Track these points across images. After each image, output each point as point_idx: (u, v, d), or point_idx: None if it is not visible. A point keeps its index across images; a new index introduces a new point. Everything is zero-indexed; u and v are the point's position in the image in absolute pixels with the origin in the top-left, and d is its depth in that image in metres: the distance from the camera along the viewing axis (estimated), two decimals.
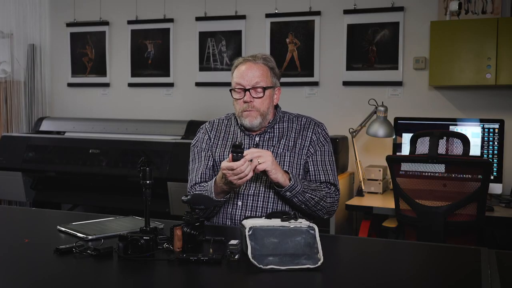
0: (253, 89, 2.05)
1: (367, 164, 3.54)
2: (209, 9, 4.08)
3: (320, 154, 2.11)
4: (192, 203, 1.68)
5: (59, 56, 4.61)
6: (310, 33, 3.82)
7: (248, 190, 2.06)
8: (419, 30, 3.54)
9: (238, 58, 2.15)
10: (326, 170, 2.10)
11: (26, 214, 2.30)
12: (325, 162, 2.11)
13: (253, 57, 2.10)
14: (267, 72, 2.09)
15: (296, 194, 1.95)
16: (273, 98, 2.13)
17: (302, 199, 1.97)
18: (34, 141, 3.99)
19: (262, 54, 2.14)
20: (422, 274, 1.49)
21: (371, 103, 3.40)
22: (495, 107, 3.38)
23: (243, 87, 2.06)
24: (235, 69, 2.12)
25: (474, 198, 2.52)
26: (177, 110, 4.21)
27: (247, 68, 2.07)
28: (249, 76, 2.05)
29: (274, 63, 2.15)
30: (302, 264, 1.43)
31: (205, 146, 2.19)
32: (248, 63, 2.09)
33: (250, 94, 2.05)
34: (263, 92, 2.06)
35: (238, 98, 2.08)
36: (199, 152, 2.19)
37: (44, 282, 1.37)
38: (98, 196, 3.95)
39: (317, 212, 2.04)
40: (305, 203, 1.99)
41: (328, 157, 2.12)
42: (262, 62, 2.09)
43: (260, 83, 2.06)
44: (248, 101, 2.05)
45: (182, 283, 1.42)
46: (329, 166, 2.11)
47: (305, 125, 2.15)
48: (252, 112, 2.06)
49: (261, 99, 2.06)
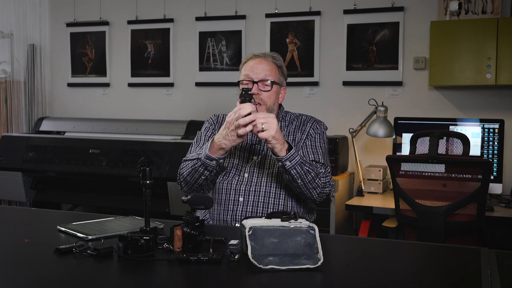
0: (261, 82, 2.08)
1: (367, 164, 3.55)
2: (209, 9, 4.09)
3: (312, 140, 2.13)
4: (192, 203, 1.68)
5: (59, 56, 4.61)
6: (310, 33, 3.82)
7: (249, 186, 2.07)
8: (419, 30, 3.54)
9: (248, 54, 2.19)
10: (316, 152, 2.11)
11: (26, 214, 2.30)
12: (316, 146, 2.12)
13: (263, 54, 2.16)
14: (276, 69, 2.14)
15: (295, 164, 1.91)
16: (279, 95, 2.16)
17: (300, 170, 1.92)
18: (34, 141, 3.99)
19: (271, 52, 2.20)
20: (422, 274, 1.49)
21: (371, 103, 3.40)
22: (495, 107, 3.38)
23: (251, 79, 2.09)
24: (244, 64, 2.16)
25: (474, 198, 2.52)
26: (177, 110, 4.21)
27: (257, 63, 2.12)
28: (259, 69, 2.10)
29: (282, 63, 2.20)
30: (302, 264, 1.43)
31: (210, 134, 2.21)
32: (258, 58, 2.14)
33: (258, 87, 2.08)
34: (271, 86, 2.09)
35: None
36: (205, 136, 2.21)
37: (44, 282, 1.37)
38: (98, 196, 3.95)
39: (312, 190, 1.99)
40: (301, 177, 1.93)
41: (320, 143, 2.14)
42: (271, 60, 2.14)
43: (269, 77, 2.09)
44: (256, 93, 2.06)
45: (182, 283, 1.42)
46: (319, 150, 2.12)
47: (305, 121, 2.19)
48: (259, 106, 2.06)
49: (268, 93, 2.09)
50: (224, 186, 2.10)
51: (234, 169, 2.12)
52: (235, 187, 2.08)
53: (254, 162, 2.12)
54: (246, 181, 2.08)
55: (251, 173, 2.10)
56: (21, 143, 3.98)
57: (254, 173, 2.10)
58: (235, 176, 2.11)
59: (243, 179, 2.09)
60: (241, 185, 2.08)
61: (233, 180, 2.10)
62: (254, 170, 2.10)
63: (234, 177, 2.11)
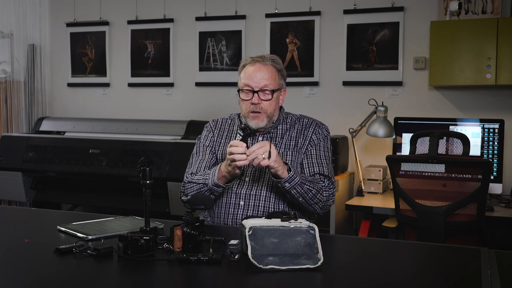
0: (262, 91, 2.06)
1: (367, 164, 3.55)
2: (209, 9, 4.09)
3: (316, 149, 2.12)
4: (192, 203, 1.68)
5: (59, 56, 4.61)
6: (310, 33, 3.82)
7: (250, 190, 2.07)
8: (419, 30, 3.54)
9: (246, 58, 2.14)
10: (321, 163, 2.10)
11: (26, 214, 2.30)
12: (320, 156, 2.12)
13: (262, 58, 2.10)
14: (276, 74, 2.10)
15: (295, 185, 1.94)
16: (279, 100, 2.14)
17: (300, 190, 1.96)
18: (34, 141, 3.99)
19: (270, 55, 2.14)
20: (422, 274, 1.49)
21: (371, 103, 3.40)
22: (495, 107, 3.38)
23: (251, 88, 2.06)
24: (242, 68, 2.12)
25: (474, 198, 2.52)
26: (177, 110, 4.21)
27: (256, 70, 2.07)
28: (258, 78, 2.05)
29: (281, 65, 2.16)
30: (302, 264, 1.43)
31: (208, 143, 2.21)
32: (257, 64, 2.08)
33: (258, 96, 2.05)
34: (271, 94, 2.06)
35: (246, 99, 2.08)
36: (204, 146, 2.21)
37: (44, 282, 1.37)
38: (98, 196, 3.95)
39: (314, 205, 2.02)
40: (302, 196, 1.97)
41: (324, 152, 2.13)
42: (270, 63, 2.10)
43: (269, 86, 2.06)
44: (256, 103, 2.05)
45: (182, 283, 1.42)
46: (324, 160, 2.11)
47: (306, 125, 2.17)
48: (260, 115, 2.06)
49: (269, 102, 2.07)
50: (225, 189, 2.09)
51: None
52: (236, 191, 2.08)
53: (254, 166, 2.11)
54: (247, 185, 2.08)
55: (252, 177, 2.09)
56: (21, 143, 3.98)
57: (255, 177, 2.09)
58: (236, 180, 2.09)
59: (244, 183, 2.09)
60: (242, 189, 2.07)
61: (233, 183, 2.09)
62: (255, 174, 2.09)
63: (234, 180, 2.09)
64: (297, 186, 1.95)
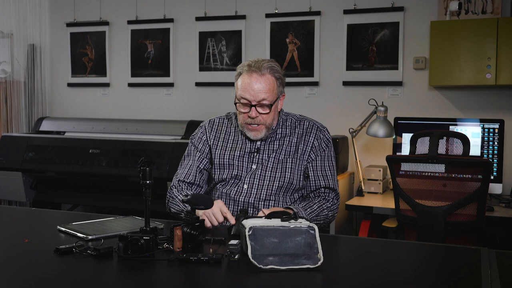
0: (259, 105, 1.99)
1: (367, 164, 3.55)
2: (209, 9, 4.09)
3: (321, 159, 2.09)
4: (192, 203, 1.68)
5: (59, 56, 4.61)
6: (310, 33, 3.82)
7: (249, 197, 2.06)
8: (419, 30, 3.54)
9: (243, 64, 2.03)
10: (326, 176, 2.08)
11: (26, 214, 2.30)
12: (325, 168, 2.09)
13: (259, 68, 1.98)
14: (273, 84, 2.01)
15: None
16: (278, 107, 2.08)
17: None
18: (34, 141, 3.99)
19: (268, 62, 2.02)
20: (422, 274, 1.49)
21: (371, 103, 3.40)
22: (495, 107, 3.38)
23: (248, 102, 2.00)
24: (239, 76, 2.04)
25: (474, 198, 2.52)
26: (177, 110, 4.21)
27: (254, 81, 1.97)
28: (255, 91, 1.97)
29: (280, 72, 2.04)
30: (302, 264, 1.43)
31: (201, 147, 2.17)
32: (254, 74, 1.98)
33: (256, 109, 2.00)
34: (269, 108, 2.00)
35: (243, 111, 2.03)
36: (195, 150, 2.17)
37: (44, 282, 1.37)
38: (98, 196, 3.95)
39: (320, 222, 2.02)
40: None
41: (329, 162, 2.10)
42: (268, 73, 1.99)
43: (267, 99, 1.98)
44: (254, 117, 2.00)
45: (182, 283, 1.42)
46: (329, 172, 2.09)
47: (307, 130, 2.12)
48: (258, 127, 2.03)
49: (267, 115, 2.02)
50: (223, 196, 2.08)
51: (233, 179, 2.09)
52: (234, 198, 2.06)
53: (253, 171, 2.08)
54: (245, 193, 2.06)
55: (250, 184, 2.07)
56: (21, 143, 3.98)
57: (253, 185, 2.06)
58: (234, 186, 2.08)
59: (242, 190, 2.07)
60: (240, 196, 2.06)
61: (231, 190, 2.08)
62: (253, 181, 2.06)
63: (232, 186, 2.08)
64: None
